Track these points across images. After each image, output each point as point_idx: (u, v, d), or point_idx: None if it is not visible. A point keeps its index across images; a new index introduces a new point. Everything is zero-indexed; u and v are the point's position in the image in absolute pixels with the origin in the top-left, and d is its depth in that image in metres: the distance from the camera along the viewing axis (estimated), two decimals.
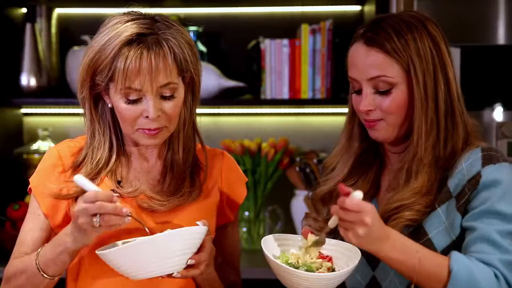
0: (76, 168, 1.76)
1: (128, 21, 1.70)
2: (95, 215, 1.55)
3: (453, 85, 1.71)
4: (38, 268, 1.67)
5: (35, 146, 3.39)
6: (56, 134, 3.44)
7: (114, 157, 1.76)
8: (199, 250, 1.63)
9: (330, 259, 1.67)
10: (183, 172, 1.78)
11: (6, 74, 3.36)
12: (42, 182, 1.76)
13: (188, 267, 1.62)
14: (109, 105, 1.74)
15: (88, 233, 1.59)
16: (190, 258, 1.61)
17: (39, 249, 1.69)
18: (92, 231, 1.58)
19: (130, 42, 1.66)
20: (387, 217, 1.67)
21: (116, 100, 1.69)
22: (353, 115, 1.80)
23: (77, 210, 1.57)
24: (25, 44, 3.37)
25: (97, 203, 1.55)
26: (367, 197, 1.77)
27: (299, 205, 3.40)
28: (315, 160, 3.38)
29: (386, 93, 1.69)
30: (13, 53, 3.38)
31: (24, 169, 3.33)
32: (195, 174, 1.81)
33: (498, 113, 2.90)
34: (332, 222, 1.58)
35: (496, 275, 1.58)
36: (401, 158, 1.73)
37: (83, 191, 1.62)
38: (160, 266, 1.57)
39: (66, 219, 1.74)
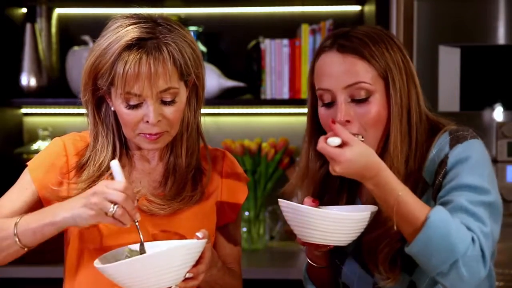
0: (79, 169, 1.75)
1: (130, 24, 1.69)
2: (112, 203, 1.54)
3: (420, 95, 1.70)
4: (14, 233, 1.63)
5: (35, 146, 3.39)
6: (56, 134, 3.41)
7: (116, 159, 1.73)
8: (198, 261, 1.61)
9: None
10: (185, 176, 1.78)
11: (6, 74, 3.36)
12: (42, 169, 1.75)
13: (187, 279, 1.60)
14: (112, 108, 1.73)
15: (93, 216, 1.56)
16: (188, 272, 1.59)
17: (21, 216, 1.66)
18: (99, 215, 1.56)
19: (130, 47, 1.66)
20: (371, 249, 1.66)
21: (117, 104, 1.69)
22: (311, 133, 1.77)
23: (99, 191, 1.55)
24: (25, 44, 3.37)
25: (124, 194, 1.54)
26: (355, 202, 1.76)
27: None
28: None
29: (363, 101, 1.65)
30: (13, 53, 3.38)
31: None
32: (197, 178, 1.80)
33: (498, 113, 2.90)
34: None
35: (473, 239, 1.54)
36: None
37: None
38: (158, 280, 1.55)
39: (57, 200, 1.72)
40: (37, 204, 1.75)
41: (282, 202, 1.62)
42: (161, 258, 1.53)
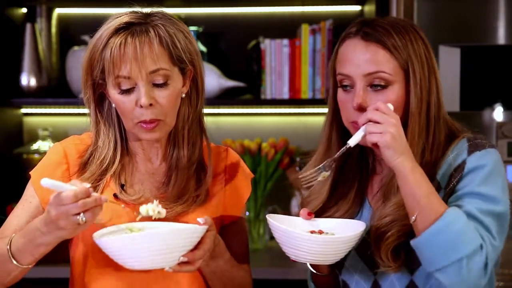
0: (82, 169, 1.74)
1: (122, 15, 1.70)
2: (77, 214, 1.52)
3: (440, 91, 1.70)
4: (11, 257, 1.62)
5: (35, 146, 3.39)
6: (56, 134, 3.44)
7: (118, 157, 1.75)
8: (196, 247, 1.61)
9: (333, 235, 1.67)
10: (188, 170, 1.76)
11: (6, 74, 3.36)
12: (44, 176, 1.73)
13: (182, 263, 1.60)
14: (113, 104, 1.73)
15: (72, 231, 1.55)
16: (183, 256, 1.58)
17: (12, 237, 1.63)
18: (77, 228, 1.54)
19: (117, 31, 1.66)
20: (380, 233, 1.66)
21: (112, 93, 1.68)
22: (332, 121, 1.76)
23: (57, 213, 1.51)
24: (25, 44, 3.37)
25: (79, 202, 1.50)
26: (355, 204, 1.77)
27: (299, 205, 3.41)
28: None
29: (381, 90, 1.66)
30: (13, 53, 3.38)
31: (24, 169, 3.33)
32: (201, 175, 1.78)
33: (498, 113, 2.90)
34: (354, 140, 1.61)
35: (481, 246, 1.56)
36: None
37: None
38: (152, 260, 1.56)
39: None
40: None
41: (270, 222, 1.65)
42: (155, 239, 1.54)
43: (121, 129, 1.76)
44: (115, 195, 1.72)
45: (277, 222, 1.65)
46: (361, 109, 1.65)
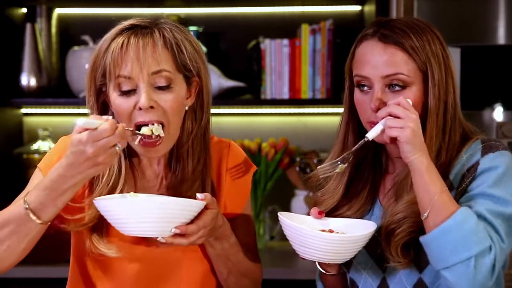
0: (90, 188, 1.70)
1: (130, 20, 1.69)
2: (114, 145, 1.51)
3: (457, 92, 1.71)
4: (32, 213, 1.56)
5: (35, 146, 3.39)
6: (56, 134, 3.43)
7: (123, 175, 1.70)
8: (192, 222, 1.59)
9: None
10: (190, 183, 1.72)
11: (6, 74, 3.36)
12: (50, 166, 1.66)
13: (176, 235, 1.58)
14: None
15: (108, 164, 1.54)
16: (176, 227, 1.57)
17: (24, 197, 1.59)
18: (113, 159, 1.53)
19: (121, 32, 1.65)
20: (391, 230, 1.66)
21: (113, 97, 1.65)
22: (348, 121, 1.77)
23: (95, 149, 1.49)
24: (25, 44, 3.37)
25: (116, 132, 1.50)
26: (367, 203, 1.77)
27: (299, 205, 3.41)
28: (315, 160, 3.38)
29: (399, 91, 1.66)
30: (13, 53, 3.38)
31: (24, 169, 3.33)
32: (205, 180, 1.74)
33: (498, 113, 2.90)
34: (373, 133, 1.62)
35: (490, 248, 1.56)
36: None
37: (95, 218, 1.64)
38: (143, 227, 1.56)
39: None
40: None
41: (282, 219, 1.65)
42: (151, 205, 1.55)
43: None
44: None
45: (288, 220, 1.65)
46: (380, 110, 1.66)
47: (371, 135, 1.63)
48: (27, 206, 1.57)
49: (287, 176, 3.46)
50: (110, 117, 1.53)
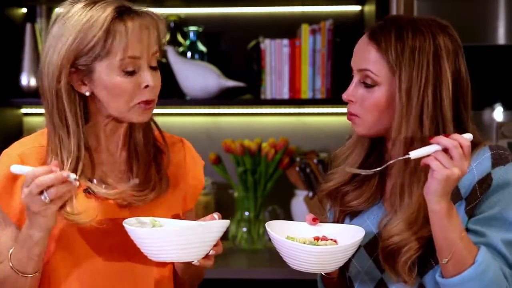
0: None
1: (94, 3, 1.68)
2: (41, 193, 1.52)
3: (444, 103, 1.66)
4: (16, 272, 1.63)
5: None
6: None
7: (83, 153, 1.70)
8: (217, 243, 1.65)
9: (335, 242, 1.69)
10: (147, 155, 1.77)
11: (6, 74, 3.37)
12: (7, 192, 1.69)
13: (207, 256, 1.64)
14: (87, 93, 1.69)
15: (45, 215, 1.55)
16: (211, 249, 1.63)
17: (9, 253, 1.64)
18: (47, 210, 1.54)
19: (120, 14, 1.67)
20: (389, 252, 1.66)
21: (111, 77, 1.67)
22: None
23: (23, 198, 1.54)
24: (25, 44, 3.38)
25: (36, 180, 1.51)
26: (372, 200, 1.77)
27: (299, 205, 3.41)
28: (315, 160, 3.38)
29: (369, 87, 1.68)
30: (13, 53, 3.38)
31: None
32: (158, 159, 1.79)
33: (498, 113, 2.90)
34: (417, 153, 1.55)
35: None
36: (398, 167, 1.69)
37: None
38: (188, 252, 1.60)
39: None
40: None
41: (269, 232, 1.66)
42: (198, 231, 1.59)
43: (83, 121, 1.70)
44: (86, 191, 1.71)
45: (279, 228, 1.68)
46: (351, 102, 1.70)
47: (415, 154, 1.56)
48: (11, 265, 1.63)
49: (287, 176, 3.46)
50: (53, 166, 1.54)
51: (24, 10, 3.51)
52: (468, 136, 1.56)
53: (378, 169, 1.65)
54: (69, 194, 1.56)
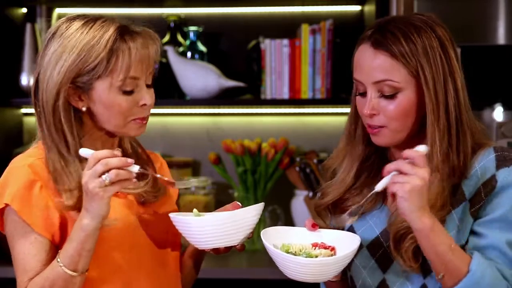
0: (56, 182, 1.71)
1: (93, 21, 1.74)
2: (101, 176, 1.58)
3: (460, 92, 1.68)
4: (66, 272, 1.63)
5: None
6: None
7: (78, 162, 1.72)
8: None
9: (333, 249, 1.68)
10: (139, 160, 1.80)
11: (6, 74, 3.36)
12: (26, 202, 1.69)
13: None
14: (83, 109, 1.72)
15: (101, 197, 1.58)
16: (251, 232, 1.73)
17: (57, 256, 1.65)
18: (105, 193, 1.58)
19: (122, 34, 1.70)
20: (400, 236, 1.66)
21: (110, 95, 1.70)
22: (356, 117, 1.76)
23: (86, 179, 1.58)
24: (25, 44, 3.38)
25: (102, 160, 1.57)
26: (379, 197, 1.75)
27: (299, 205, 3.41)
28: (315, 160, 3.38)
29: (391, 97, 1.65)
30: (13, 53, 3.38)
31: None
32: (146, 167, 1.82)
33: (498, 113, 2.90)
34: (380, 185, 1.56)
35: None
36: None
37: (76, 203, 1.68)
38: (237, 236, 1.72)
39: (63, 232, 1.70)
40: (52, 247, 1.71)
41: (264, 242, 1.68)
42: (247, 215, 1.72)
43: (80, 135, 1.74)
44: None
45: (277, 235, 1.71)
46: (374, 116, 1.67)
47: (378, 187, 1.58)
48: (60, 264, 1.64)
49: (287, 176, 3.46)
50: (117, 151, 1.61)
51: (24, 10, 3.51)
52: (420, 148, 1.56)
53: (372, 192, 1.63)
54: (127, 182, 1.61)
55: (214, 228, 1.67)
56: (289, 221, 3.42)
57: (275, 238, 1.70)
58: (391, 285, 1.72)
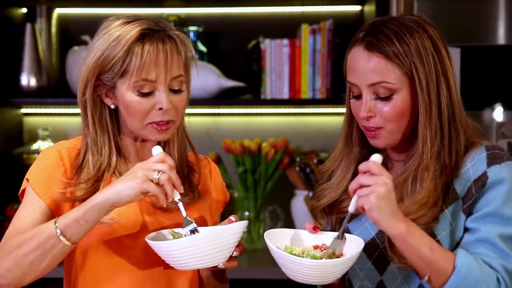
0: (78, 171, 1.76)
1: (130, 21, 1.74)
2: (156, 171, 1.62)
3: (453, 91, 1.69)
4: (55, 231, 1.63)
5: (35, 146, 3.39)
6: (56, 134, 3.44)
7: (114, 158, 1.78)
8: (239, 244, 1.70)
9: (334, 252, 1.68)
10: (180, 172, 1.80)
11: (6, 74, 3.37)
12: (45, 182, 1.74)
13: (231, 258, 1.69)
14: (112, 106, 1.76)
15: (137, 183, 1.61)
16: (234, 251, 1.68)
17: (56, 218, 1.66)
18: (144, 182, 1.61)
19: (143, 36, 1.71)
20: None
21: (128, 96, 1.72)
22: (351, 119, 1.77)
23: (141, 165, 1.63)
24: (25, 44, 3.38)
25: (166, 164, 1.63)
26: None
27: (299, 205, 3.41)
28: (315, 160, 3.39)
29: (386, 99, 1.66)
30: (13, 53, 3.38)
31: (24, 169, 3.31)
32: (191, 177, 1.85)
33: (498, 113, 2.90)
34: (352, 206, 1.58)
35: (498, 280, 1.59)
36: (406, 167, 1.70)
37: (87, 193, 1.70)
38: (214, 257, 1.64)
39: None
40: (50, 217, 1.73)
41: (267, 243, 1.66)
42: (221, 235, 1.63)
43: (115, 132, 1.79)
44: None
45: (278, 237, 1.70)
46: (370, 118, 1.68)
47: (351, 208, 1.60)
48: (56, 222, 1.64)
49: (287, 176, 3.46)
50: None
51: (24, 10, 3.51)
52: (374, 158, 1.58)
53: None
54: (162, 198, 1.63)
55: (182, 252, 1.63)
56: (289, 221, 3.42)
57: (277, 240, 1.70)
58: (388, 286, 1.72)
